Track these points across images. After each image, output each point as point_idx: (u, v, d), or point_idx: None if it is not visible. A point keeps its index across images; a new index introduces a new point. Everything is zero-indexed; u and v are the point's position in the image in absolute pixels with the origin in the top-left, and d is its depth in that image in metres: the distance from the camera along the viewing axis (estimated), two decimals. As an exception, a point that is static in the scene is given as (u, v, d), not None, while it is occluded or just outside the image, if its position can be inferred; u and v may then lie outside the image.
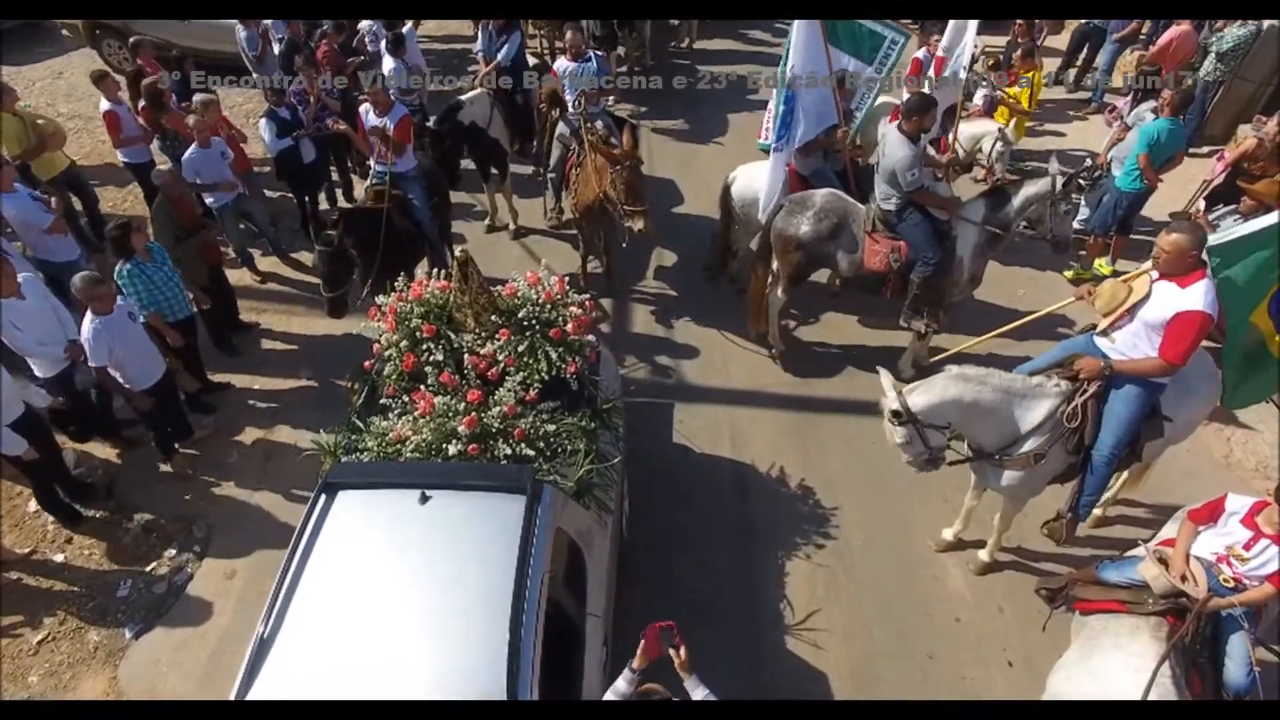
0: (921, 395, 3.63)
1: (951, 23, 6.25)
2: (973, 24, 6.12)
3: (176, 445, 5.04)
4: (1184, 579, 2.84)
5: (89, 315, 4.27)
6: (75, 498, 4.80)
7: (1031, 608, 4.19)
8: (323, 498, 3.03)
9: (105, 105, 6.21)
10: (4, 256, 4.44)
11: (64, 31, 10.21)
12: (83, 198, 6.73)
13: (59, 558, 4.63)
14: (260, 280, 6.63)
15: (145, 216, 5.89)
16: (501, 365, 3.69)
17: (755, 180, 5.70)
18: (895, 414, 3.63)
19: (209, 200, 6.06)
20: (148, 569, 4.55)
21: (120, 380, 4.53)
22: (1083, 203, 5.48)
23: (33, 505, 4.83)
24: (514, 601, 2.67)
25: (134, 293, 4.71)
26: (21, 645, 4.22)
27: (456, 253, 3.77)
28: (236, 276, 6.38)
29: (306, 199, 6.91)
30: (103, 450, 5.22)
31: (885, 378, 3.72)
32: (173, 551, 4.63)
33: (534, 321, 3.78)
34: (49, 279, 4.98)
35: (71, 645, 4.22)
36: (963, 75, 6.26)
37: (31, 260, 5.25)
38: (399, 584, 2.83)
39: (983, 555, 4.39)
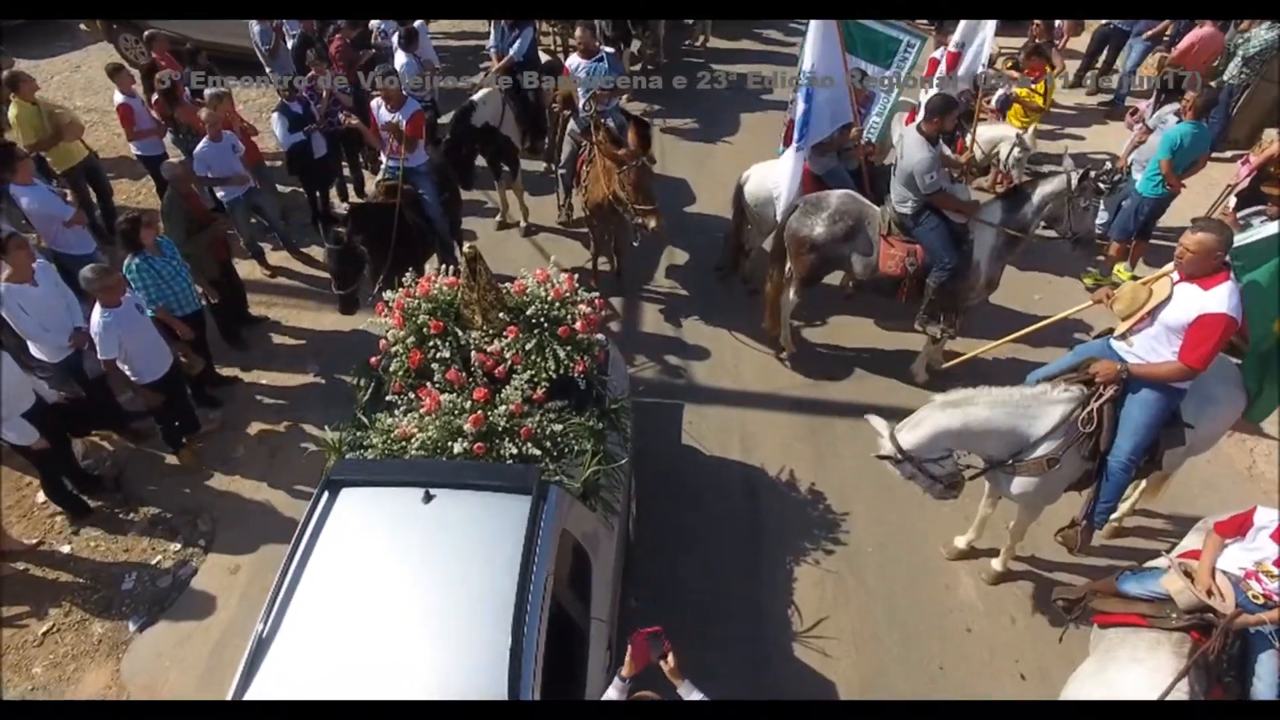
0: (910, 432, 3.61)
1: (963, 20, 6.16)
2: (990, 23, 6.02)
3: (184, 439, 5.03)
4: (1210, 593, 2.74)
5: (98, 308, 4.27)
6: (83, 489, 4.81)
7: (1045, 618, 4.12)
8: (325, 495, 3.00)
9: (119, 98, 6.23)
10: (23, 241, 4.46)
11: (82, 26, 10.29)
12: (98, 189, 6.76)
13: (65, 549, 4.63)
14: (270, 274, 6.64)
15: (157, 210, 5.89)
16: (509, 363, 3.64)
17: (769, 179, 5.64)
18: (887, 457, 3.61)
19: (220, 194, 6.06)
20: (152, 562, 4.54)
21: (128, 373, 4.52)
22: (1101, 206, 5.37)
23: (41, 496, 4.83)
24: (516, 604, 2.62)
25: (142, 287, 4.70)
26: (26, 636, 4.22)
27: (465, 247, 3.74)
28: (246, 270, 6.39)
29: (317, 194, 6.91)
30: (112, 442, 5.22)
31: (876, 421, 3.71)
32: (177, 545, 4.62)
33: (542, 319, 3.73)
34: (63, 271, 4.99)
35: (76, 637, 4.22)
36: (980, 71, 6.15)
37: (46, 253, 5.26)
38: (400, 584, 2.79)
39: (995, 564, 4.31)
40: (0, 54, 6.72)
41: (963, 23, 6.17)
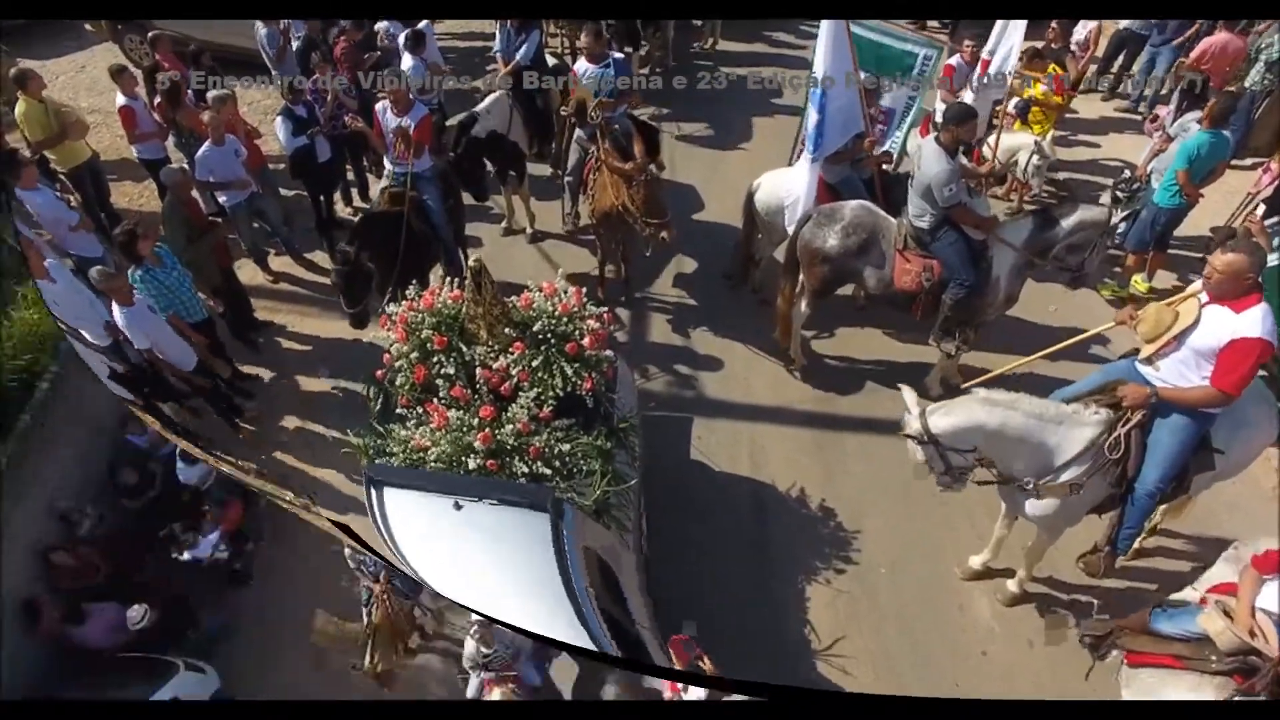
0: (945, 417, 3.48)
1: (998, 23, 6.02)
2: (1020, 25, 5.88)
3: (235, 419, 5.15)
4: (1253, 634, 2.62)
5: (116, 306, 4.34)
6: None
7: (1064, 643, 4.00)
8: (372, 490, 3.12)
9: (121, 100, 6.12)
10: (29, 241, 4.51)
11: (87, 26, 10.21)
12: (97, 191, 6.68)
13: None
14: (273, 280, 6.54)
15: (157, 216, 5.82)
16: (515, 380, 3.55)
17: (780, 188, 5.52)
18: (915, 436, 3.49)
19: (222, 199, 5.97)
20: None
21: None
22: (1118, 214, 5.25)
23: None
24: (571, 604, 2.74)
25: (149, 295, 4.66)
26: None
27: (470, 260, 3.65)
28: (248, 275, 6.31)
29: (321, 198, 6.81)
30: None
31: (908, 395, 3.58)
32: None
33: (549, 335, 3.64)
34: (76, 273, 4.97)
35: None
36: (1008, 76, 6.02)
37: (57, 251, 5.23)
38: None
39: (1012, 585, 4.21)
40: (3, 53, 6.65)
41: (996, 26, 6.03)
